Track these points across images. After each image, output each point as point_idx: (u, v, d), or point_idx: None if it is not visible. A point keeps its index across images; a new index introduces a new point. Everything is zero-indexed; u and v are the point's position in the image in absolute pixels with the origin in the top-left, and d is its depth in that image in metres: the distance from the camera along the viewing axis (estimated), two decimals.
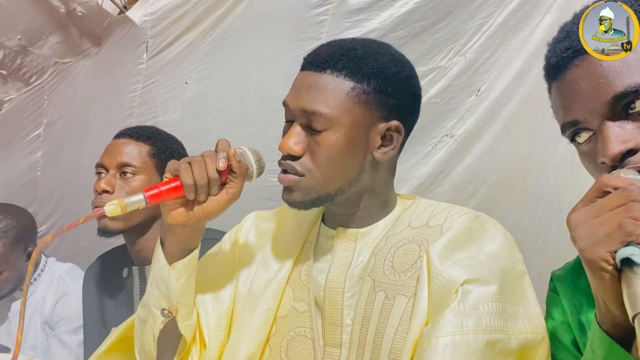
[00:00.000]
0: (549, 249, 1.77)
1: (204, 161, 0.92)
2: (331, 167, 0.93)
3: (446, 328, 0.81)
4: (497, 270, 0.88)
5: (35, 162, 2.88)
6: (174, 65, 2.38)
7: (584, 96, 0.74)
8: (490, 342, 0.81)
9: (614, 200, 0.60)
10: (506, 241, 0.94)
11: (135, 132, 1.56)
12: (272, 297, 1.01)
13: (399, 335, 0.87)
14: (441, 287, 0.86)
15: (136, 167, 1.48)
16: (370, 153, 0.96)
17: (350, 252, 1.00)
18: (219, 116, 2.30)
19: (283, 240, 1.08)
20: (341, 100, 0.92)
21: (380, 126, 0.95)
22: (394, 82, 0.96)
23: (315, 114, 0.92)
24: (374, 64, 0.95)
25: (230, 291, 1.06)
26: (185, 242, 0.98)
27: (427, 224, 0.97)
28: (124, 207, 0.88)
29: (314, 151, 0.93)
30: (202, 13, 2.25)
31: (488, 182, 1.87)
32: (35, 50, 2.55)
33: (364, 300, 0.93)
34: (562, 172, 1.73)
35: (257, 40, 2.18)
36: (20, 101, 2.78)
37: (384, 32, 1.90)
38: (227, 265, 1.10)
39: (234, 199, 0.95)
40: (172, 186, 0.92)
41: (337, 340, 0.95)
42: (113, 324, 1.52)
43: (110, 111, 2.58)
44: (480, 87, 1.87)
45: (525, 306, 0.89)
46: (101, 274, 1.67)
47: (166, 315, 0.96)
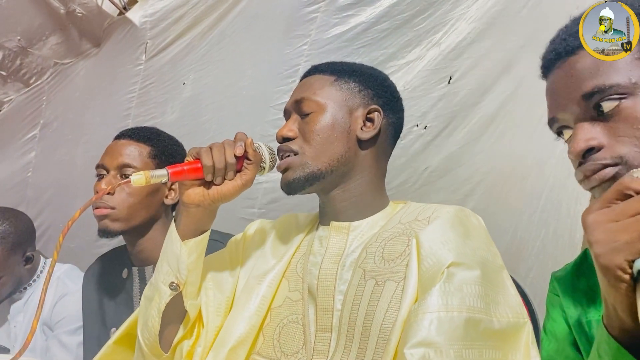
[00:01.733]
0: (548, 250, 1.77)
1: (224, 147, 1.01)
2: (320, 142, 1.06)
3: (432, 305, 0.86)
4: (480, 259, 0.93)
5: (29, 162, 2.89)
6: (172, 66, 2.39)
7: (559, 95, 0.79)
8: (473, 320, 0.85)
9: (636, 206, 0.57)
10: (487, 237, 1.01)
11: (136, 133, 1.56)
12: (268, 286, 1.07)
13: (388, 317, 0.92)
14: (430, 268, 0.91)
15: (137, 168, 1.48)
16: (353, 132, 1.09)
17: (342, 243, 1.07)
18: (213, 116, 2.32)
19: (283, 238, 1.16)
20: (326, 89, 1.11)
21: (361, 110, 1.11)
22: (372, 79, 1.15)
23: (304, 99, 1.10)
24: (354, 66, 1.18)
25: (232, 283, 1.13)
26: (198, 222, 1.04)
27: (416, 218, 1.04)
28: (149, 179, 0.96)
29: (305, 131, 1.08)
30: (201, 14, 2.26)
31: (485, 183, 1.87)
32: (35, 51, 2.55)
33: (354, 287, 0.99)
34: (561, 173, 1.73)
35: (252, 40, 2.20)
36: (20, 102, 2.78)
37: (369, 26, 1.94)
38: (231, 261, 1.17)
39: (246, 186, 1.03)
40: (193, 167, 1.00)
41: (328, 325, 1.00)
42: (113, 324, 1.54)
43: (106, 112, 2.59)
44: (453, 74, 1.88)
45: (505, 295, 0.93)
46: (101, 274, 1.67)
47: (174, 288, 1.01)
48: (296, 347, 1.01)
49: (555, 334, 0.92)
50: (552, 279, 0.98)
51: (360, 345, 0.93)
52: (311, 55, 2.05)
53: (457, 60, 1.87)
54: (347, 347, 0.95)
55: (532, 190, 1.81)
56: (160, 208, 1.52)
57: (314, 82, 1.13)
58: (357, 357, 0.93)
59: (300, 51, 2.08)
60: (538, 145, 1.76)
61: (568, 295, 0.92)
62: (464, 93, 1.87)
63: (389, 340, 0.88)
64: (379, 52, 1.95)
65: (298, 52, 2.08)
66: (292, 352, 1.01)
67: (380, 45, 1.95)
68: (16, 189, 2.88)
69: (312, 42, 2.06)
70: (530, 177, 1.82)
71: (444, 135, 1.91)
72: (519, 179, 1.84)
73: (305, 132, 1.08)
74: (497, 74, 1.84)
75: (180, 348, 1.07)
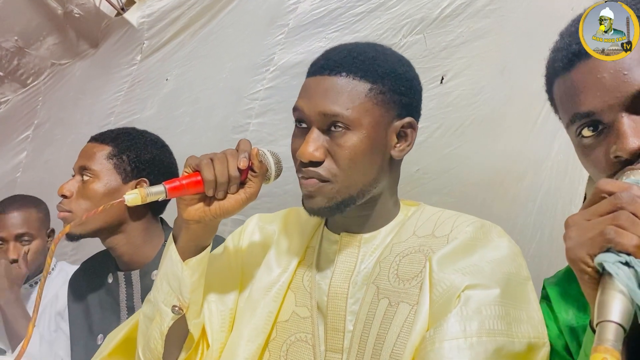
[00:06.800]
0: (544, 253, 1.77)
1: (226, 158, 0.91)
2: (355, 169, 0.92)
3: (450, 332, 0.81)
4: (500, 276, 0.88)
5: (19, 163, 2.89)
6: (160, 64, 2.40)
7: (605, 87, 0.73)
8: (495, 346, 0.81)
9: (604, 207, 0.61)
10: (510, 248, 0.93)
11: (103, 135, 1.52)
12: (273, 300, 1.00)
13: (399, 342, 0.87)
14: (443, 293, 0.86)
15: (92, 170, 1.43)
16: (388, 152, 0.96)
17: (353, 258, 0.99)
18: (188, 109, 2.32)
19: (286, 244, 1.07)
20: (361, 102, 0.92)
21: (395, 124, 0.96)
22: (404, 81, 0.97)
23: (337, 115, 0.91)
24: (386, 64, 0.96)
25: (234, 293, 1.05)
26: (199, 239, 0.97)
27: (433, 233, 0.96)
28: (144, 197, 0.88)
29: (336, 154, 0.92)
30: (197, 15, 2.27)
31: (479, 185, 1.87)
32: (32, 51, 2.55)
33: (367, 306, 0.93)
34: (556, 175, 1.73)
35: (236, 35, 2.21)
36: (16, 102, 2.78)
37: (345, 10, 1.94)
38: (230, 267, 1.09)
39: (251, 199, 0.94)
40: (193, 180, 0.91)
41: (339, 346, 0.95)
42: (100, 331, 1.50)
43: (94, 111, 2.60)
44: (445, 74, 1.84)
45: (529, 311, 0.88)
46: (85, 280, 1.61)
47: (177, 312, 0.95)
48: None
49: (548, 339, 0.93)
50: (544, 285, 0.98)
51: None
52: (287, 43, 2.04)
53: (449, 60, 1.86)
54: None
55: (527, 193, 1.80)
56: (124, 211, 1.44)
57: (343, 89, 0.92)
58: None
59: (277, 40, 2.07)
60: (533, 147, 1.75)
61: (560, 300, 0.92)
62: (457, 93, 1.87)
63: None
64: (351, 35, 1.94)
65: (275, 42, 2.08)
66: None
67: (353, 29, 1.95)
68: (5, 189, 2.86)
69: (289, 31, 2.05)
70: (525, 179, 1.81)
71: (436, 136, 1.89)
72: (513, 181, 1.83)
73: (337, 156, 0.92)
74: (491, 74, 1.84)
75: None
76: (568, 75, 0.78)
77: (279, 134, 2.08)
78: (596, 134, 0.75)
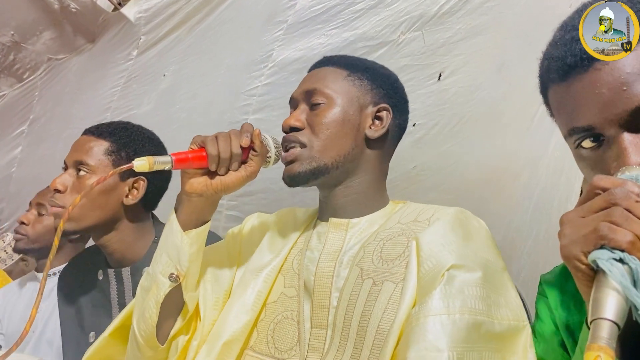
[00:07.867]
0: (540, 250, 1.77)
1: (230, 136, 0.99)
2: (329, 136, 1.06)
3: (433, 308, 0.85)
4: (481, 261, 0.92)
5: (14, 157, 2.88)
6: (157, 60, 2.39)
7: (604, 103, 0.71)
8: (475, 322, 0.84)
9: (598, 203, 0.61)
10: (488, 237, 1.00)
11: (99, 129, 1.47)
12: (264, 281, 1.06)
13: (385, 318, 0.91)
14: (430, 270, 0.90)
15: (90, 165, 1.39)
16: (362, 130, 1.09)
17: (340, 240, 1.06)
18: (185, 105, 2.33)
19: (280, 234, 1.16)
20: (338, 82, 1.10)
21: (371, 108, 1.11)
22: (384, 78, 1.15)
23: (315, 90, 1.09)
24: (367, 63, 1.17)
25: (229, 276, 1.12)
26: (200, 213, 1.02)
27: (416, 219, 1.03)
28: (152, 165, 0.93)
29: (313, 123, 1.07)
30: (194, 9, 2.26)
31: (476, 182, 1.87)
32: (29, 46, 2.54)
33: (350, 285, 0.98)
34: (553, 173, 1.73)
35: (234, 30, 2.21)
36: (12, 97, 2.77)
37: (344, 7, 1.95)
38: (229, 254, 1.16)
39: (250, 177, 1.02)
40: (198, 155, 0.98)
41: (324, 322, 0.99)
42: (91, 329, 1.48)
43: (90, 106, 2.59)
44: (443, 70, 1.86)
45: (507, 297, 0.93)
46: (75, 277, 1.58)
47: (174, 280, 1.00)
48: (290, 343, 1.01)
49: (543, 335, 0.93)
50: (540, 282, 0.98)
51: (355, 345, 0.93)
52: (285, 39, 2.05)
53: (447, 57, 1.86)
54: (341, 346, 0.95)
55: (524, 190, 1.81)
56: (120, 208, 1.42)
57: (326, 74, 1.11)
58: (352, 356, 0.93)
59: (276, 37, 2.08)
60: (530, 145, 1.76)
61: (556, 297, 0.92)
62: (455, 90, 1.87)
63: (386, 342, 0.88)
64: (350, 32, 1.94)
65: (274, 38, 2.08)
66: (285, 349, 1.01)
67: (352, 25, 1.95)
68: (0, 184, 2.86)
69: (287, 27, 2.06)
70: (522, 176, 1.82)
71: (433, 133, 1.89)
72: (510, 178, 1.83)
73: (314, 125, 1.06)
74: (489, 71, 1.84)
75: (176, 342, 1.06)
76: (565, 85, 0.76)
77: (276, 131, 2.07)
78: (596, 145, 0.74)
